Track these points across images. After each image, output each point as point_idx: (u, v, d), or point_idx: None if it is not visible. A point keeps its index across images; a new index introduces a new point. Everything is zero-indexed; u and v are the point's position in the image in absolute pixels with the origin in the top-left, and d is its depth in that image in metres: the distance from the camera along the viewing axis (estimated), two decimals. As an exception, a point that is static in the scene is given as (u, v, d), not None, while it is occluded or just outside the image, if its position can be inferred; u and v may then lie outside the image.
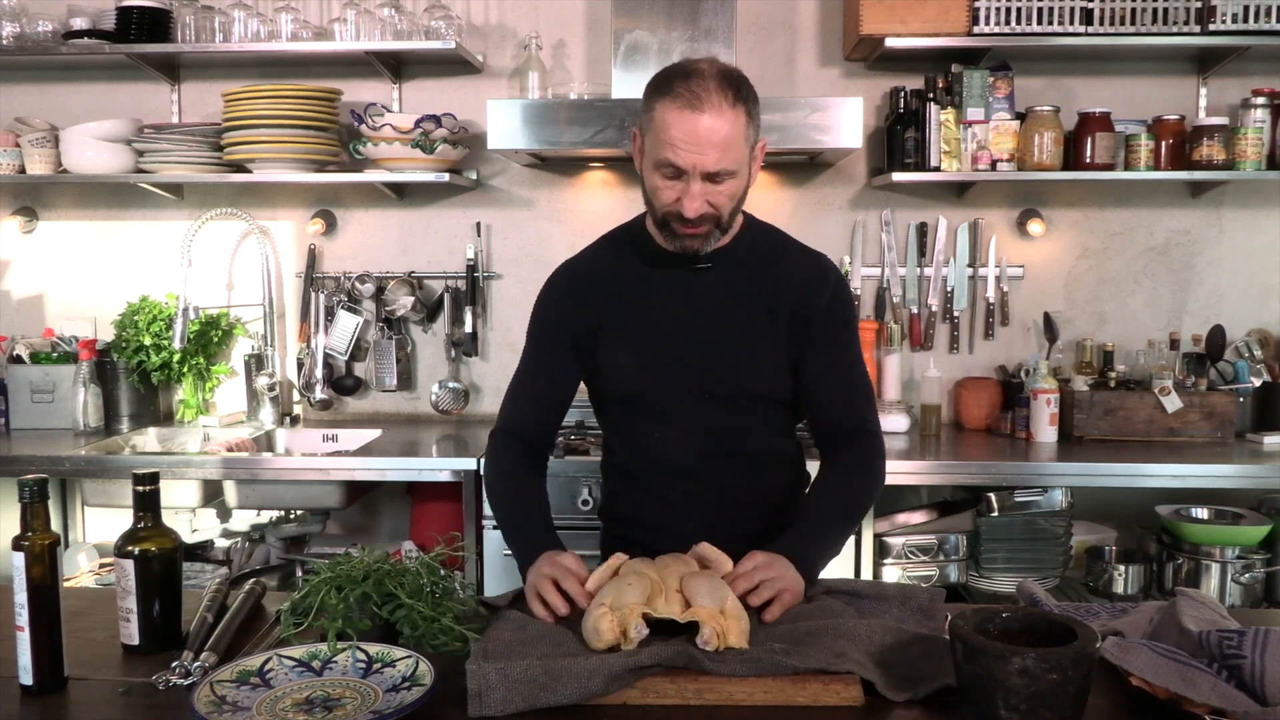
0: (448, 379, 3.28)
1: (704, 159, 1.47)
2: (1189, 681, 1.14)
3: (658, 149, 1.50)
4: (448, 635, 1.27)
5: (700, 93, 1.46)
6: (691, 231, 1.54)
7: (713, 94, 1.46)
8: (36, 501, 1.24)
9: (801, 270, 1.67)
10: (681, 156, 1.47)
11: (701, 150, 1.46)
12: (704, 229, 1.55)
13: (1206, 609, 1.32)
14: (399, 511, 3.26)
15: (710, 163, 1.47)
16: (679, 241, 1.57)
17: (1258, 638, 1.15)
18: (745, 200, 1.61)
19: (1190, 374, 2.96)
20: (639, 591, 1.29)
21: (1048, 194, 3.17)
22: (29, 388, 3.10)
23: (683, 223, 1.53)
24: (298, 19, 3.03)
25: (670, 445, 1.67)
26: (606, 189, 3.24)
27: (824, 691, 1.18)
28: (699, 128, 1.45)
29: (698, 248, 1.58)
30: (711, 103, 1.45)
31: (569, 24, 3.18)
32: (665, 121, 1.48)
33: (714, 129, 1.45)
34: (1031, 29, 2.81)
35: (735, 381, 1.64)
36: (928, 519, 2.76)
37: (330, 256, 3.29)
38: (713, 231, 1.56)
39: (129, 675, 1.28)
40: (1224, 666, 1.16)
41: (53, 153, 3.08)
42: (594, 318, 1.67)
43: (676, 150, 1.47)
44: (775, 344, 1.64)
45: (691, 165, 1.47)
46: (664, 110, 1.49)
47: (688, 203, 1.50)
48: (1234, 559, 2.58)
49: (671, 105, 1.48)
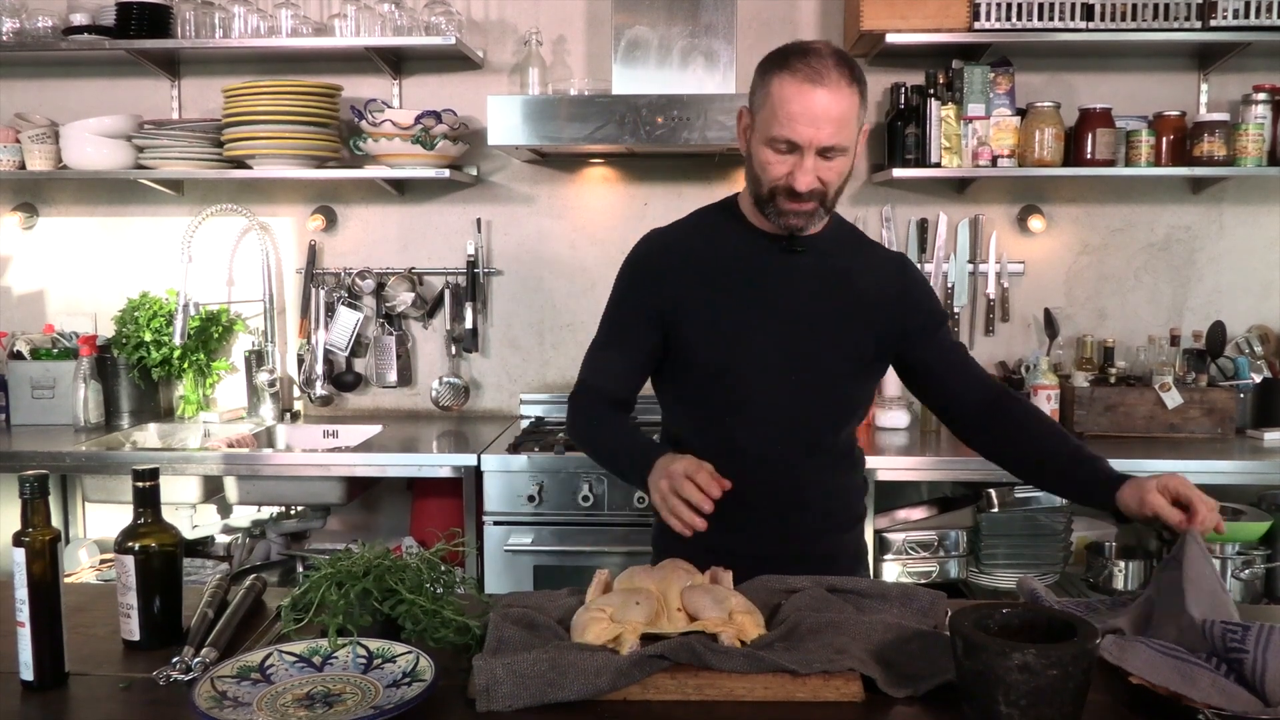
0: (448, 375, 3.29)
1: (820, 134, 1.49)
2: (1189, 679, 1.14)
3: (771, 124, 1.51)
4: (449, 627, 1.27)
5: (820, 69, 1.48)
6: (798, 207, 1.55)
7: (831, 70, 1.48)
8: (37, 497, 1.24)
9: (887, 264, 1.73)
10: (799, 131, 1.49)
11: (818, 125, 1.48)
12: (811, 205, 1.56)
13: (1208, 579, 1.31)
14: (399, 507, 3.26)
15: (826, 137, 1.49)
16: (784, 219, 1.58)
17: (1262, 633, 1.15)
18: (846, 185, 1.62)
19: (1190, 370, 2.96)
20: (644, 612, 1.27)
21: (1048, 190, 3.17)
22: (29, 384, 3.10)
23: (791, 198, 1.54)
24: (298, 15, 3.03)
25: (746, 431, 1.64)
26: (607, 185, 3.24)
27: (824, 687, 1.18)
28: (818, 102, 1.47)
29: (802, 225, 1.58)
30: (831, 78, 1.48)
31: (569, 20, 3.18)
32: (784, 96, 1.49)
33: (832, 104, 1.48)
34: (1032, 25, 2.81)
35: (819, 365, 1.63)
36: (928, 515, 2.76)
37: (330, 252, 3.29)
38: (818, 210, 1.58)
39: (130, 671, 1.28)
40: (1224, 660, 1.16)
41: (53, 149, 3.08)
42: (682, 291, 1.65)
43: (795, 125, 1.49)
44: (861, 332, 1.65)
45: (808, 140, 1.49)
46: (782, 85, 1.50)
47: (800, 176, 1.51)
48: (1234, 555, 2.58)
49: (791, 80, 1.49)
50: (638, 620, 1.26)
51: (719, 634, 1.24)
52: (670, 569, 1.39)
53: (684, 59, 2.86)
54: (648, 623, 1.27)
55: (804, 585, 1.43)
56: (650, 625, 1.27)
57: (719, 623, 1.26)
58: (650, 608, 1.29)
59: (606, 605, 1.29)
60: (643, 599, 1.29)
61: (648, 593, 1.32)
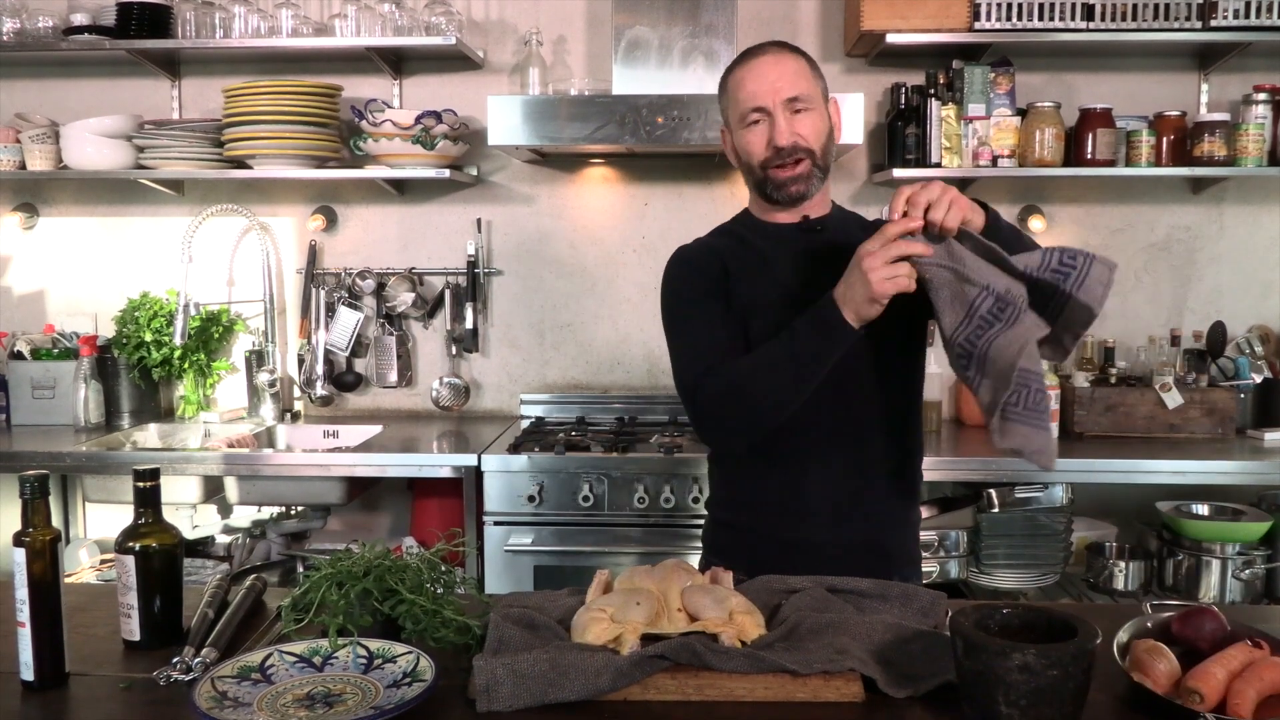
0: (448, 375, 3.29)
1: (778, 90, 1.59)
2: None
3: (739, 105, 1.63)
4: (449, 627, 1.27)
5: (757, 49, 1.64)
6: (791, 172, 1.61)
7: (769, 46, 1.64)
8: (37, 497, 1.25)
9: None
10: (760, 96, 1.60)
11: (773, 83, 1.59)
12: (803, 167, 1.62)
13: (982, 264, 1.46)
14: (400, 507, 3.26)
15: (785, 89, 1.59)
16: (783, 189, 1.63)
17: (1090, 258, 1.45)
18: (834, 150, 1.69)
19: (1191, 370, 2.96)
20: (645, 613, 1.27)
21: (1049, 190, 3.17)
22: (30, 384, 3.10)
23: (780, 165, 1.61)
24: (298, 15, 3.03)
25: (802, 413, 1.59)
26: (607, 185, 3.24)
27: (824, 688, 1.18)
28: (764, 66, 1.61)
29: (802, 190, 1.63)
30: (770, 50, 1.63)
31: (569, 20, 3.18)
32: (738, 80, 1.64)
33: (778, 64, 1.61)
34: (1033, 25, 2.81)
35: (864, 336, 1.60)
36: (928, 515, 2.75)
37: (331, 252, 3.29)
38: (813, 170, 1.63)
39: (130, 671, 1.28)
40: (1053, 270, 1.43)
41: (53, 149, 3.08)
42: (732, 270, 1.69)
43: (755, 93, 1.60)
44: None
45: (770, 99, 1.59)
46: (733, 77, 1.65)
47: (777, 133, 1.59)
48: (1234, 555, 2.58)
49: (738, 68, 1.65)
50: (638, 620, 1.26)
51: (719, 634, 1.24)
52: (670, 569, 1.39)
53: (684, 59, 2.86)
54: (648, 623, 1.27)
55: (804, 585, 1.43)
56: (650, 625, 1.27)
57: (719, 623, 1.26)
58: (650, 608, 1.29)
59: (607, 605, 1.29)
60: (643, 599, 1.29)
61: (648, 593, 1.32)
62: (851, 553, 1.64)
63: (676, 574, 1.37)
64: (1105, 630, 1.15)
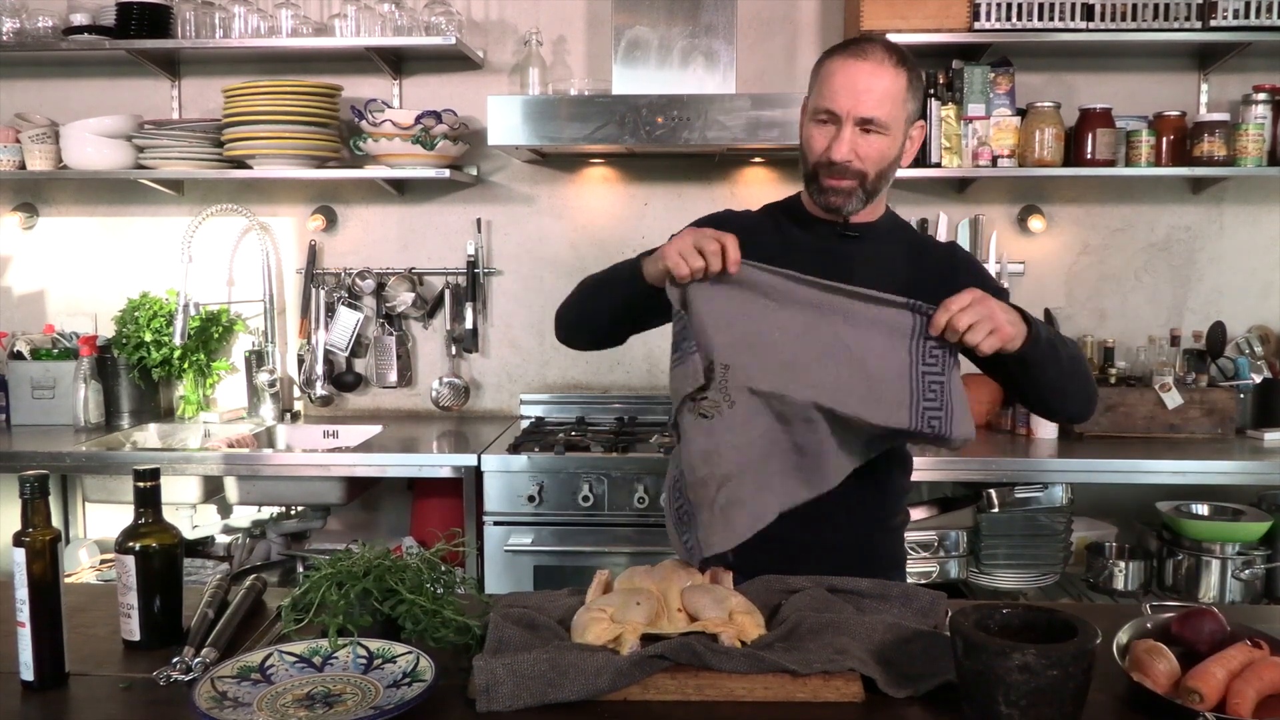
0: (448, 375, 3.29)
1: (858, 103, 1.54)
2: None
3: (818, 98, 1.58)
4: (449, 627, 1.27)
5: (866, 47, 1.56)
6: (836, 184, 1.58)
7: (877, 50, 1.55)
8: (37, 497, 1.24)
9: (939, 254, 1.73)
10: (838, 100, 1.54)
11: (857, 95, 1.53)
12: (849, 183, 1.58)
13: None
14: (400, 507, 3.26)
15: (864, 108, 1.53)
16: (824, 196, 1.61)
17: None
18: (894, 173, 1.64)
19: (1191, 370, 2.96)
20: (645, 613, 1.27)
21: (1048, 190, 3.17)
22: (30, 384, 3.10)
23: (830, 172, 1.58)
24: (298, 15, 3.03)
25: None
26: (607, 185, 3.24)
27: (824, 688, 1.18)
28: (858, 73, 1.54)
29: (840, 204, 1.60)
30: (874, 55, 1.55)
31: (569, 20, 3.18)
32: (829, 71, 1.57)
33: (872, 77, 1.54)
34: (1033, 25, 2.81)
35: None
36: (928, 515, 2.76)
37: (331, 252, 3.29)
38: (857, 190, 1.59)
39: (130, 671, 1.28)
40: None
41: (53, 149, 3.08)
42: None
43: (835, 95, 1.55)
44: None
45: (846, 109, 1.54)
46: (830, 63, 1.58)
47: (837, 146, 1.55)
48: (1234, 555, 2.58)
49: (837, 57, 1.57)
50: (638, 620, 1.26)
51: (719, 634, 1.24)
52: (670, 569, 1.39)
53: (684, 59, 2.86)
54: (648, 623, 1.27)
55: (804, 585, 1.43)
56: (650, 625, 1.27)
57: (719, 623, 1.26)
58: (650, 608, 1.29)
59: (607, 605, 1.29)
60: (643, 599, 1.29)
61: (648, 593, 1.32)
62: (834, 553, 1.62)
63: (676, 574, 1.37)
64: (1105, 630, 1.15)
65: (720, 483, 1.37)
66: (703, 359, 1.43)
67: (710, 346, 1.43)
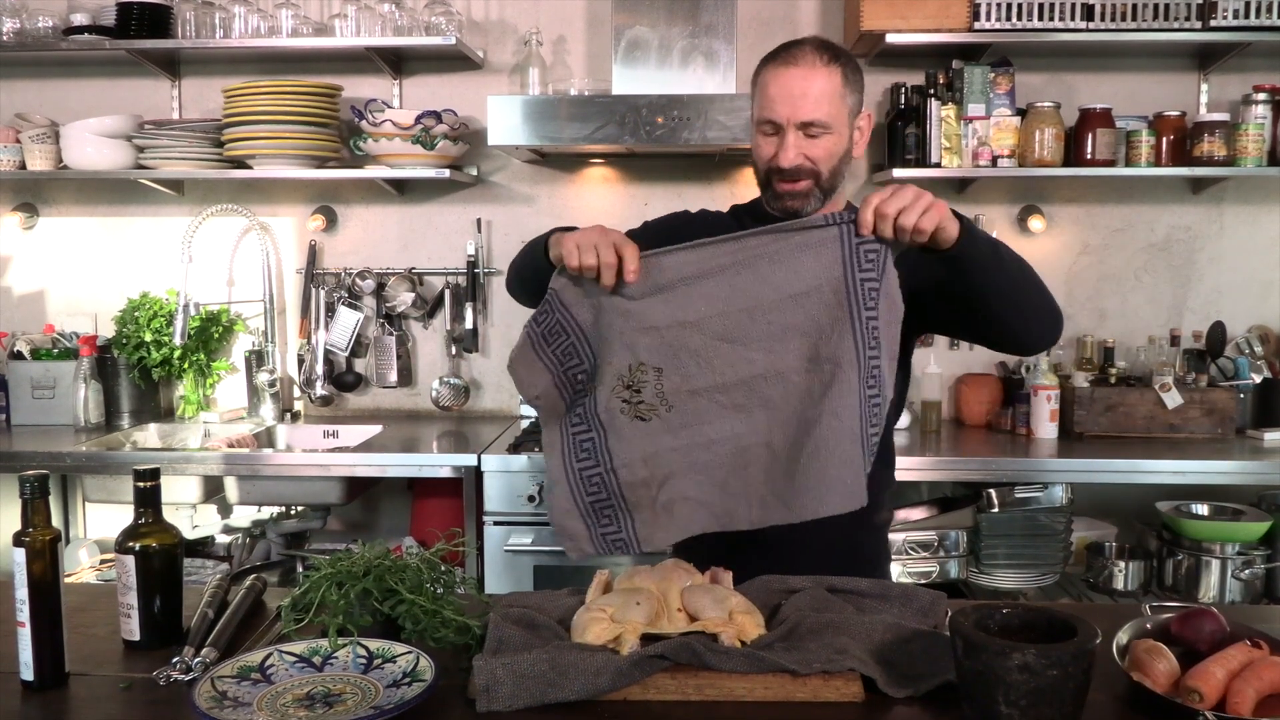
0: (448, 375, 3.29)
1: (796, 110, 1.55)
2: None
3: (759, 109, 1.61)
4: (449, 627, 1.27)
5: (796, 53, 1.58)
6: (790, 188, 1.59)
7: (808, 53, 1.57)
8: (37, 497, 1.24)
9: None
10: (777, 109, 1.56)
11: (794, 102, 1.55)
12: (803, 184, 1.59)
13: None
14: (399, 507, 3.26)
15: (802, 113, 1.55)
16: (780, 201, 1.62)
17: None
18: (847, 166, 1.65)
19: (1191, 370, 2.96)
20: (645, 613, 1.27)
21: (1049, 190, 3.17)
22: (30, 384, 3.10)
23: (782, 177, 1.59)
24: (298, 15, 3.03)
25: None
26: (607, 185, 3.24)
27: (824, 688, 1.18)
28: (792, 80, 1.56)
29: (797, 206, 1.61)
30: (805, 59, 1.56)
31: (569, 20, 3.18)
32: (765, 81, 1.60)
33: (806, 81, 1.55)
34: (1033, 25, 2.81)
35: None
36: (928, 515, 2.76)
37: (331, 252, 3.29)
38: (814, 190, 1.60)
39: (130, 671, 1.28)
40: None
41: (53, 149, 3.08)
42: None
43: (773, 104, 1.57)
44: None
45: (785, 117, 1.56)
46: (764, 73, 1.61)
47: (782, 154, 1.57)
48: (1234, 555, 2.58)
49: (770, 65, 1.60)
50: (638, 620, 1.26)
51: (719, 634, 1.24)
52: (670, 569, 1.39)
53: (684, 59, 2.86)
54: (648, 623, 1.27)
55: (804, 585, 1.43)
56: (650, 625, 1.27)
57: (719, 623, 1.26)
58: (650, 608, 1.29)
59: (607, 605, 1.29)
60: (643, 599, 1.29)
61: (648, 593, 1.31)
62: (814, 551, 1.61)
63: (676, 574, 1.37)
64: (1105, 630, 1.15)
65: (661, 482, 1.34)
66: (624, 358, 1.42)
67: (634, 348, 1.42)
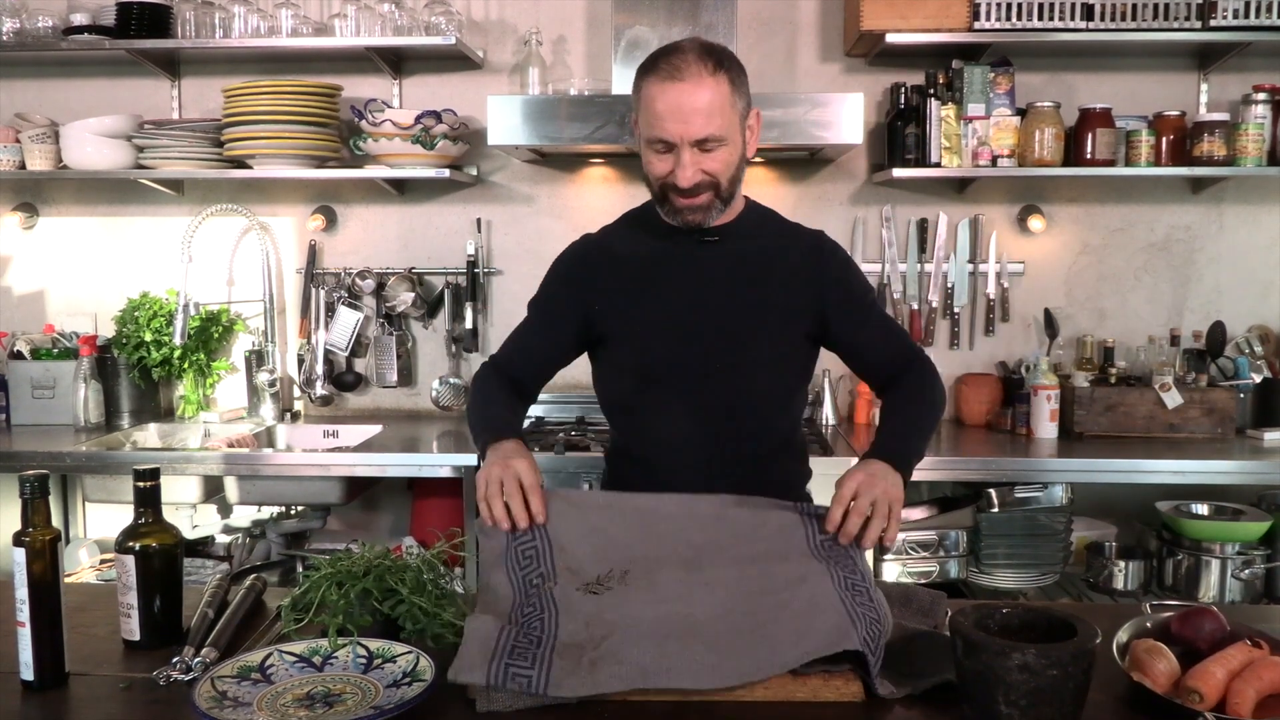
0: (448, 375, 3.29)
1: (689, 128, 1.50)
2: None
3: (648, 127, 1.55)
4: (449, 627, 1.28)
5: (679, 64, 1.51)
6: (688, 202, 1.57)
7: (691, 64, 1.51)
8: (37, 497, 1.25)
9: (805, 244, 1.71)
10: (668, 128, 1.51)
11: (686, 119, 1.50)
12: (703, 198, 1.57)
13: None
14: (400, 507, 3.26)
15: (696, 130, 1.50)
16: (679, 216, 1.60)
17: None
18: (744, 170, 1.62)
19: (1190, 370, 2.96)
20: None
21: (1048, 190, 3.17)
22: (30, 384, 3.10)
23: (679, 194, 1.56)
24: (298, 15, 3.03)
25: (675, 423, 1.65)
26: (607, 185, 3.24)
27: (824, 687, 1.18)
28: (680, 95, 1.50)
29: (699, 220, 1.60)
30: (691, 72, 1.50)
31: (569, 20, 3.18)
32: (650, 97, 1.53)
33: (695, 96, 1.50)
34: (1032, 25, 2.81)
35: (743, 350, 1.64)
36: (928, 515, 2.76)
37: (331, 252, 3.29)
38: (714, 202, 1.58)
39: (130, 671, 1.28)
40: None
41: (53, 149, 3.08)
42: (605, 290, 1.69)
43: (663, 123, 1.51)
44: (785, 315, 1.65)
45: (678, 136, 1.51)
46: (648, 87, 1.54)
47: (680, 173, 1.54)
48: (1234, 555, 2.58)
49: (654, 81, 1.53)
50: None
51: None
52: None
53: (684, 59, 2.86)
54: None
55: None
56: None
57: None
58: None
59: None
60: None
61: None
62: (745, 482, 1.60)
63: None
64: (1105, 630, 1.15)
65: (598, 642, 1.22)
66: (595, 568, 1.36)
67: (606, 559, 1.37)
